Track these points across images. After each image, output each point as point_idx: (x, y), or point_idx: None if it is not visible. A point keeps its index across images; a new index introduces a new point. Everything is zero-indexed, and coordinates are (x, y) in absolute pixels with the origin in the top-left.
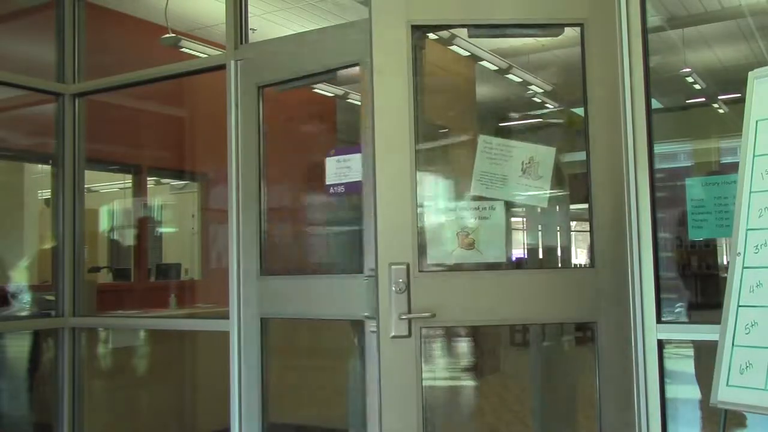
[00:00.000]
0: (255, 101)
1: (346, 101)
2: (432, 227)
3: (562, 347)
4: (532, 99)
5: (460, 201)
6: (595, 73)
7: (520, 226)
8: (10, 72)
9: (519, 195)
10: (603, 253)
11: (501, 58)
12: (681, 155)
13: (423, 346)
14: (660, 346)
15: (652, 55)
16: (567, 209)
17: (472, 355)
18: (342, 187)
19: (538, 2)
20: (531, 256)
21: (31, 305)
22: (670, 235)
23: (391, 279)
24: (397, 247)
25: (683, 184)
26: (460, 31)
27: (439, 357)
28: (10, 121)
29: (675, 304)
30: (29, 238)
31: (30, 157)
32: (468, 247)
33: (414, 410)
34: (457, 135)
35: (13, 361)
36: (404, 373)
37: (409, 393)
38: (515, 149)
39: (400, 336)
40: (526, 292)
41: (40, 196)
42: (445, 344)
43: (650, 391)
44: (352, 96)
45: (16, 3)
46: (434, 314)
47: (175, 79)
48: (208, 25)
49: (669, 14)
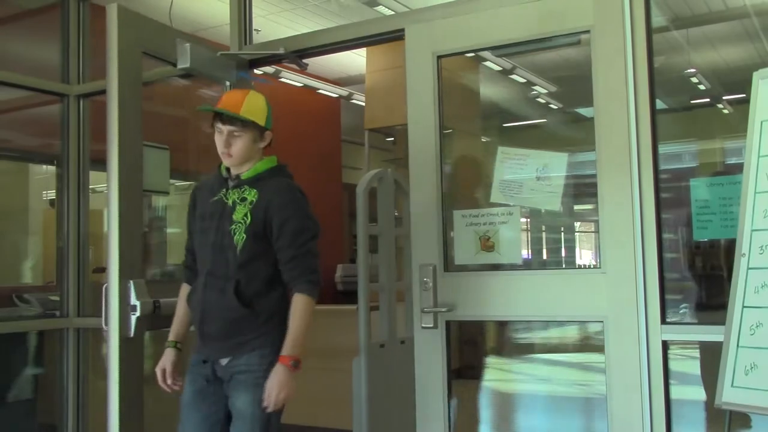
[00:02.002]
0: None
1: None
2: (457, 232)
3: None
4: (536, 100)
5: (481, 207)
6: (601, 76)
7: (534, 228)
8: (15, 73)
9: (534, 200)
10: (609, 254)
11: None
12: (686, 156)
13: (448, 335)
14: (664, 347)
15: (657, 56)
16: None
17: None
18: None
19: (545, 17)
20: (543, 257)
21: (35, 305)
22: (675, 235)
23: (420, 277)
24: (426, 249)
25: (688, 185)
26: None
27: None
28: (15, 122)
29: (679, 305)
30: (34, 238)
31: (35, 157)
32: (488, 250)
33: (440, 391)
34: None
35: (17, 362)
36: (433, 359)
37: (437, 377)
38: (530, 157)
39: (428, 327)
40: (539, 291)
41: (44, 197)
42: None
43: (655, 391)
44: (356, 97)
45: (20, 5)
46: (451, 309)
47: (180, 80)
48: (213, 26)
49: (673, 15)
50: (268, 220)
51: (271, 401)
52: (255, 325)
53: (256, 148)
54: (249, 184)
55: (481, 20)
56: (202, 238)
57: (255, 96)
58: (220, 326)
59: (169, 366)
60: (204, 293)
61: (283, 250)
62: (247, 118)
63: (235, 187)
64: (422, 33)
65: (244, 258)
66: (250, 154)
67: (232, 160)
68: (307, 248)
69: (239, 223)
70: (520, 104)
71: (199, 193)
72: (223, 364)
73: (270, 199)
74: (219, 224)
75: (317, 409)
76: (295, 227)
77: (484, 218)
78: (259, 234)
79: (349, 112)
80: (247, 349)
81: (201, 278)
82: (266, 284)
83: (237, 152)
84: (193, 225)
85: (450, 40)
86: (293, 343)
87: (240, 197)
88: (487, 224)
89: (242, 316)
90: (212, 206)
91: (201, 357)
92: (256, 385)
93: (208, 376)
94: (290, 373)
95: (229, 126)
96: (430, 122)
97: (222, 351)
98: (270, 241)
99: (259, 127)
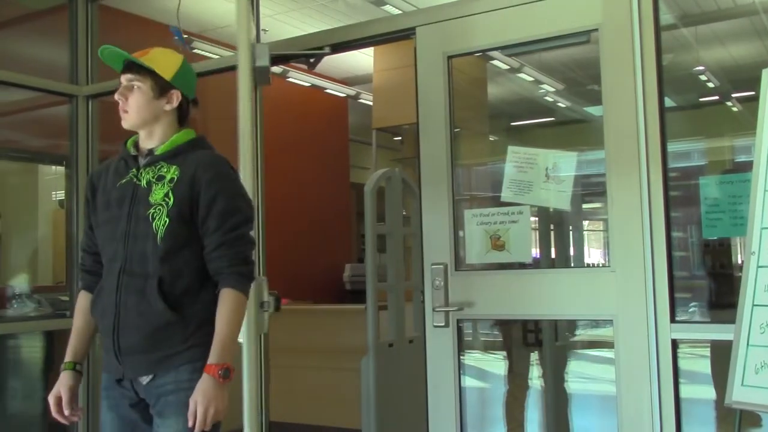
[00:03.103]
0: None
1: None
2: (467, 231)
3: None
4: (545, 98)
5: (492, 207)
6: (610, 74)
7: (544, 227)
8: (24, 74)
9: (543, 199)
10: (618, 252)
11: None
12: (695, 154)
13: (460, 334)
14: (674, 346)
15: (665, 54)
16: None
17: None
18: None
19: (554, 16)
20: (553, 256)
21: (44, 306)
22: (684, 234)
23: (431, 277)
24: (437, 249)
25: (697, 183)
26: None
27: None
28: (24, 123)
29: (689, 303)
30: (43, 238)
31: (44, 158)
32: (499, 249)
33: (452, 390)
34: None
35: (27, 362)
36: (445, 357)
37: (448, 375)
38: (539, 156)
39: (439, 326)
40: (549, 290)
41: (54, 197)
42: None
43: (664, 390)
44: (363, 96)
45: (29, 6)
46: (462, 308)
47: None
48: (220, 26)
49: (682, 12)
50: (194, 197)
51: (199, 420)
52: (184, 334)
53: (159, 107)
54: (166, 160)
55: (490, 20)
56: (108, 229)
57: (168, 52)
58: (141, 337)
59: (65, 393)
60: (117, 297)
61: (209, 234)
62: (146, 64)
63: (148, 165)
64: (433, 33)
65: (167, 247)
66: (151, 112)
67: (128, 118)
68: (239, 233)
69: (159, 206)
70: (528, 103)
71: (98, 178)
72: (143, 383)
73: (195, 174)
74: (131, 210)
75: (326, 409)
76: (224, 207)
77: (495, 217)
78: (185, 216)
79: (356, 112)
80: (174, 363)
81: (111, 279)
82: (196, 281)
83: (133, 106)
84: (94, 217)
85: (460, 40)
86: (222, 347)
87: (156, 176)
88: (497, 223)
89: (168, 323)
90: (120, 190)
91: (114, 376)
92: (188, 405)
93: (132, 398)
94: (219, 385)
95: (127, 74)
96: (440, 122)
97: (141, 367)
98: (196, 227)
99: (161, 79)
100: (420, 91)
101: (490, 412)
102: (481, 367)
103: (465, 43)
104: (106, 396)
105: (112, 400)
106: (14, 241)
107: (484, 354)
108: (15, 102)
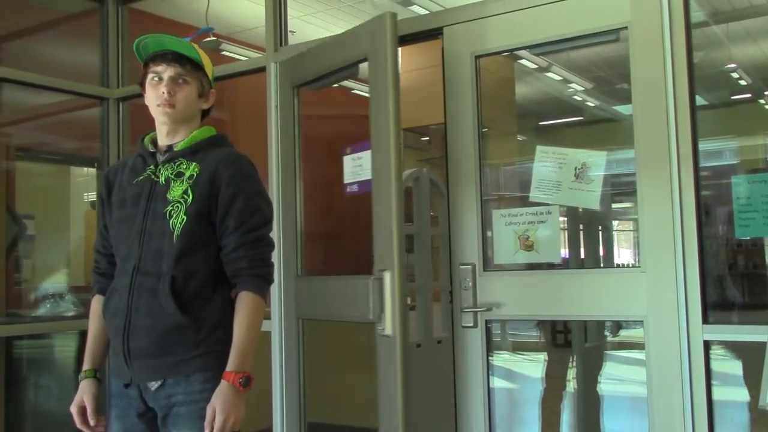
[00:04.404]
0: (291, 101)
1: None
2: (496, 231)
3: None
4: (573, 97)
5: (520, 207)
6: (639, 73)
7: (572, 227)
8: (56, 77)
9: (572, 199)
10: (649, 252)
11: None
12: (726, 153)
13: (488, 335)
14: (706, 347)
15: (696, 51)
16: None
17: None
18: (356, 186)
19: (582, 14)
20: (582, 256)
21: (77, 306)
22: (716, 234)
23: (460, 277)
24: (465, 249)
25: (729, 182)
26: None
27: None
28: (56, 126)
29: (721, 304)
30: (75, 239)
31: (75, 160)
32: (527, 249)
33: (481, 390)
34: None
35: (61, 361)
36: (473, 358)
37: (477, 375)
38: (568, 155)
39: (468, 326)
40: (579, 290)
41: (85, 199)
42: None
43: (696, 392)
44: None
45: (61, 10)
46: (490, 308)
47: (216, 82)
48: (248, 28)
49: (713, 9)
50: (214, 194)
51: (217, 429)
52: (195, 339)
53: (199, 105)
54: (185, 156)
55: (518, 19)
56: (123, 227)
57: (200, 50)
58: (151, 339)
59: (90, 402)
60: (129, 297)
61: (227, 234)
62: (200, 60)
63: (167, 161)
64: (460, 33)
65: (183, 245)
66: (193, 110)
67: (174, 113)
68: (259, 234)
69: (177, 203)
70: (557, 102)
71: (114, 175)
72: (152, 389)
73: (216, 172)
74: (148, 207)
75: (353, 409)
76: (244, 207)
77: (523, 217)
78: (203, 214)
79: None
80: (184, 371)
81: (124, 279)
82: (209, 283)
83: (182, 101)
84: (109, 216)
85: (488, 40)
86: (241, 354)
87: (174, 172)
88: (526, 223)
89: (178, 326)
90: (136, 187)
91: (122, 381)
92: (201, 417)
93: (139, 407)
94: (238, 394)
95: (177, 67)
96: (468, 122)
97: (150, 372)
98: (213, 227)
99: (206, 78)
100: (447, 91)
101: (520, 414)
102: (509, 368)
103: (492, 42)
104: (114, 404)
105: (119, 410)
106: (47, 242)
107: (512, 355)
108: (47, 105)
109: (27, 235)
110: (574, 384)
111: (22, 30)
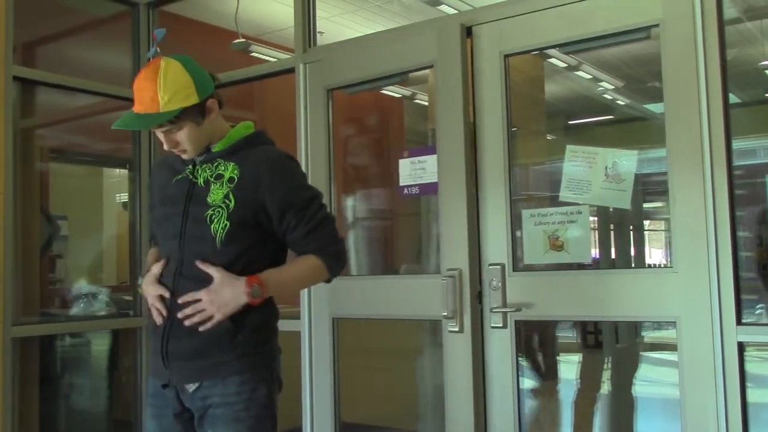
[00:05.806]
0: (324, 103)
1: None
2: (525, 231)
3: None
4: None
5: (550, 207)
6: (671, 71)
7: (603, 227)
8: (89, 79)
9: (603, 198)
10: (681, 252)
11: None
12: (761, 151)
13: (518, 335)
14: (740, 349)
15: (729, 49)
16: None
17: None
18: (416, 188)
19: (612, 12)
20: (612, 256)
21: (110, 305)
22: (750, 233)
23: (489, 277)
24: (494, 249)
25: (763, 181)
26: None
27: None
28: (89, 127)
29: (756, 305)
30: (108, 239)
31: (108, 161)
32: (557, 249)
33: (510, 391)
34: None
35: (93, 360)
36: (503, 358)
37: (506, 376)
38: (598, 155)
39: (497, 327)
40: (609, 291)
41: (118, 200)
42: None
43: (730, 394)
44: (419, 96)
45: (93, 13)
46: (520, 308)
47: (246, 84)
48: (277, 29)
49: (747, 5)
50: (259, 200)
51: (198, 308)
52: (234, 341)
53: (209, 127)
54: (223, 157)
55: (548, 18)
56: (163, 227)
57: (169, 71)
58: (190, 343)
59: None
60: (172, 300)
61: (290, 231)
62: (173, 111)
63: (205, 162)
64: (489, 32)
65: (227, 251)
66: (203, 134)
67: (190, 152)
68: (320, 217)
69: (219, 208)
70: (587, 101)
71: (157, 171)
72: (189, 390)
73: (258, 176)
74: (187, 209)
75: (385, 409)
76: (298, 203)
77: (553, 217)
78: (247, 222)
79: (412, 112)
80: (220, 374)
81: (167, 279)
82: None
83: (188, 144)
84: (154, 212)
85: (517, 39)
86: (276, 277)
87: (214, 174)
88: (555, 223)
89: (218, 331)
90: (175, 187)
91: (160, 381)
92: (236, 419)
93: (176, 407)
94: (242, 294)
95: (158, 127)
96: (497, 121)
97: (188, 374)
98: (261, 231)
99: (194, 107)
100: (477, 90)
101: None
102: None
103: (522, 41)
104: (151, 404)
105: (156, 409)
106: (80, 243)
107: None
108: (80, 107)
109: (61, 235)
110: (608, 386)
111: (55, 33)
